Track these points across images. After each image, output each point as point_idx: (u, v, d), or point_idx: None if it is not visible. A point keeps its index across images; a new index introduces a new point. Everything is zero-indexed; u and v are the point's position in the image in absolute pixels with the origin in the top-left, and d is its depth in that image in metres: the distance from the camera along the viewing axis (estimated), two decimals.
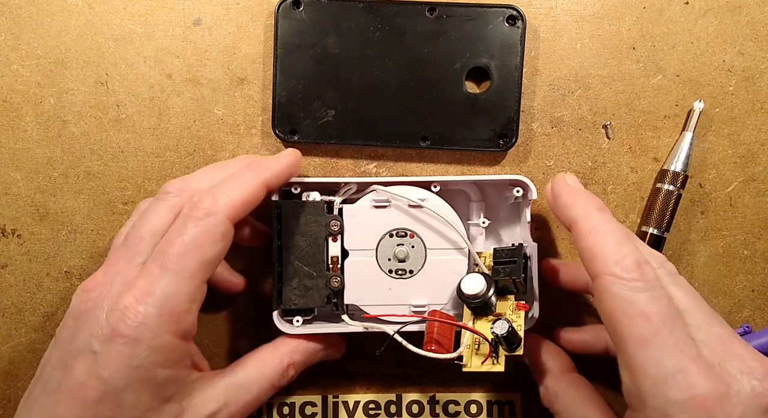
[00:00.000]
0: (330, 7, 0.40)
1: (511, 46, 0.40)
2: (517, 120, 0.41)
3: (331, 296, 0.38)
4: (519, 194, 0.38)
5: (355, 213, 0.38)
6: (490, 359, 0.34)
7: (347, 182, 0.38)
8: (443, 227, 0.38)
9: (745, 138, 0.42)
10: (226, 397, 0.34)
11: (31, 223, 0.42)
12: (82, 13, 0.41)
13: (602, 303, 0.30)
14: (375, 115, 0.41)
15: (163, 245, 0.32)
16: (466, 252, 0.38)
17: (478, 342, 0.35)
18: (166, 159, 0.42)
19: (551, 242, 0.42)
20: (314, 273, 0.37)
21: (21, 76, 0.41)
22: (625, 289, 0.29)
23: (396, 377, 0.42)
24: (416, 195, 0.38)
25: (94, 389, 0.30)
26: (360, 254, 0.38)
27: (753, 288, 0.42)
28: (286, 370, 0.36)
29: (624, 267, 0.30)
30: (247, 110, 0.42)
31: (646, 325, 0.28)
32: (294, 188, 0.38)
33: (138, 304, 0.30)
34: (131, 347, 0.30)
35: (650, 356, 0.28)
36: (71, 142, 0.41)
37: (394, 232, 0.38)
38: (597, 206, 0.32)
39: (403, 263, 0.38)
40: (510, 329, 0.34)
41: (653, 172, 0.42)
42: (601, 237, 0.31)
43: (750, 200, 0.42)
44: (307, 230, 0.37)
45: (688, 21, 0.42)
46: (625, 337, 0.29)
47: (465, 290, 0.35)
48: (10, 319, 0.41)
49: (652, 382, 0.28)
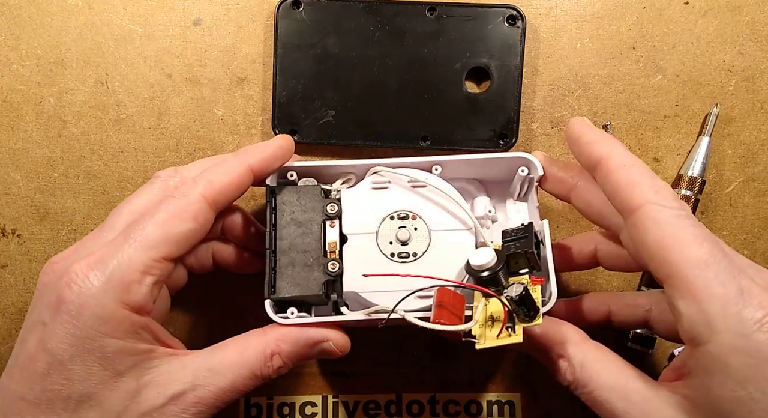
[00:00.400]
0: (330, 7, 0.40)
1: (511, 46, 0.40)
2: (517, 120, 0.41)
3: (328, 283, 0.35)
4: (524, 174, 0.36)
5: (354, 195, 0.36)
6: (506, 331, 0.31)
7: (346, 171, 0.37)
8: (447, 207, 0.36)
9: (745, 138, 0.42)
10: (195, 379, 0.31)
11: (31, 223, 0.42)
12: (82, 13, 0.41)
13: (647, 233, 0.28)
14: (375, 115, 0.41)
15: (134, 219, 0.31)
16: (473, 231, 0.36)
17: (492, 319, 0.32)
18: (166, 159, 0.42)
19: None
20: (310, 260, 0.35)
21: (21, 76, 0.41)
22: (672, 216, 0.28)
23: (396, 376, 0.42)
24: (418, 176, 0.36)
25: (41, 360, 0.29)
26: (360, 238, 0.36)
27: None
28: (270, 358, 0.32)
29: (665, 196, 0.29)
30: (247, 110, 0.42)
31: (702, 247, 0.27)
32: (290, 174, 0.37)
33: (89, 270, 0.29)
34: (75, 316, 0.29)
35: (714, 277, 0.27)
36: (71, 142, 0.41)
37: (395, 214, 0.36)
38: (623, 145, 0.32)
39: (406, 245, 0.36)
40: (524, 292, 0.31)
41: (653, 172, 0.42)
42: (636, 169, 0.30)
43: (750, 200, 0.42)
44: (303, 215, 0.36)
45: (688, 21, 0.42)
46: (682, 263, 0.27)
47: (473, 261, 0.33)
48: (10, 319, 0.41)
49: (723, 303, 0.26)
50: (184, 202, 0.31)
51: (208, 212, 0.32)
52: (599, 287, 0.42)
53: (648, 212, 0.29)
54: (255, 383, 0.32)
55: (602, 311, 0.37)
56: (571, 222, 0.42)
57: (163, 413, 0.30)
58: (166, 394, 0.30)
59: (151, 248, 0.30)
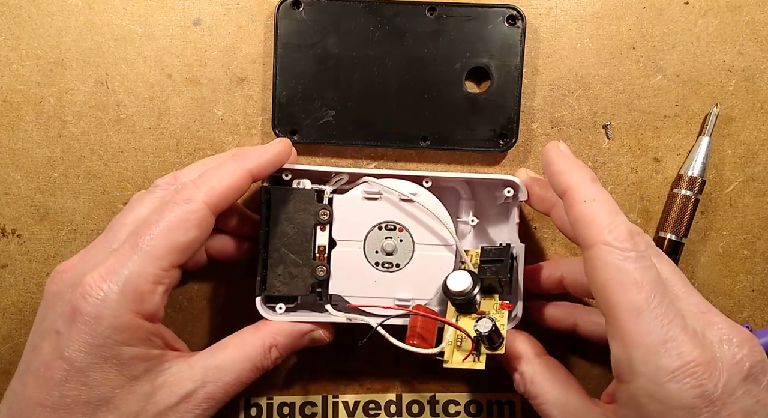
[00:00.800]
0: (330, 7, 0.40)
1: (511, 46, 0.40)
2: (517, 120, 0.41)
3: (315, 285, 0.37)
4: (509, 195, 0.38)
5: (345, 203, 0.38)
6: (472, 356, 0.35)
7: (339, 172, 0.38)
8: (432, 223, 0.38)
9: (745, 138, 0.42)
10: (204, 376, 0.33)
11: (31, 223, 0.42)
12: (82, 13, 0.41)
13: (596, 272, 0.30)
14: (375, 115, 0.41)
15: (138, 227, 0.32)
16: (454, 249, 0.38)
17: (461, 339, 0.35)
18: (166, 159, 0.42)
19: (549, 243, 0.42)
20: (300, 261, 0.37)
21: (21, 76, 0.41)
22: (619, 258, 0.29)
23: (396, 377, 0.42)
24: (407, 189, 0.38)
25: (58, 368, 0.30)
26: (347, 245, 0.38)
27: (753, 288, 0.42)
28: (268, 351, 0.35)
29: (617, 236, 0.30)
30: (247, 110, 0.42)
31: (639, 294, 0.29)
32: (285, 175, 0.38)
33: (102, 281, 0.30)
34: (92, 326, 0.30)
35: (642, 324, 0.28)
36: (71, 142, 0.41)
37: (383, 224, 0.38)
38: (591, 176, 0.33)
39: (391, 256, 0.38)
40: (493, 328, 0.34)
41: (653, 172, 0.42)
42: (596, 205, 0.31)
43: (750, 200, 0.42)
44: (295, 217, 0.37)
45: (688, 21, 0.42)
46: (618, 306, 0.29)
47: (451, 286, 0.35)
48: (10, 319, 0.41)
49: (644, 350, 0.28)
50: (187, 210, 0.32)
51: (210, 217, 0.33)
52: None
53: (598, 252, 0.30)
54: (257, 374, 0.35)
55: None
56: None
57: (176, 411, 0.32)
58: (180, 393, 0.32)
59: (160, 258, 0.31)
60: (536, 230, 0.42)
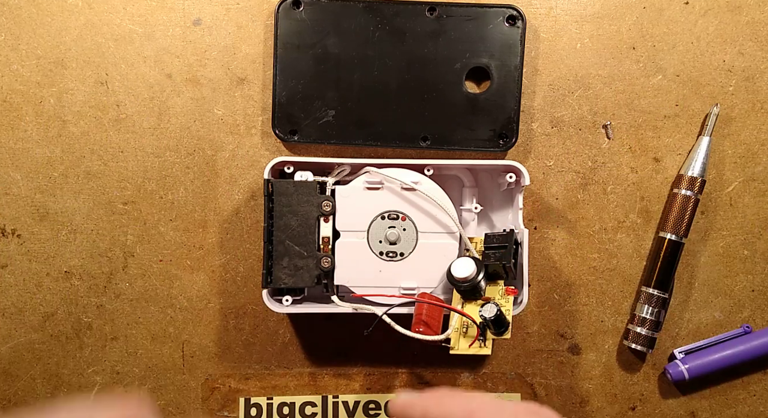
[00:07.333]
0: (330, 7, 0.40)
1: (511, 46, 0.40)
2: (517, 120, 0.41)
3: (321, 276, 0.38)
4: (512, 180, 0.38)
5: (348, 194, 0.38)
6: (478, 342, 0.35)
7: (341, 163, 0.38)
8: (435, 211, 0.38)
9: (745, 138, 0.42)
10: None
11: (31, 223, 0.42)
12: (82, 13, 0.41)
13: None
14: (375, 115, 0.41)
15: None
16: (458, 236, 0.38)
17: (467, 325, 0.36)
18: (166, 159, 0.42)
19: (549, 243, 0.42)
20: (305, 253, 0.37)
21: (21, 76, 0.41)
22: None
23: (396, 377, 0.42)
24: (409, 178, 0.38)
25: None
26: (351, 235, 0.38)
27: (753, 288, 0.42)
28: None
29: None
30: (247, 110, 0.42)
31: None
32: (287, 167, 0.38)
33: None
34: None
35: None
36: (71, 142, 0.41)
37: (386, 214, 0.38)
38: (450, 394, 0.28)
39: (394, 245, 0.38)
40: (498, 313, 0.34)
41: (653, 172, 0.42)
42: None
43: (750, 200, 0.42)
44: (298, 209, 0.38)
45: (688, 21, 0.42)
46: None
47: (455, 273, 0.36)
48: (10, 319, 0.41)
49: None
50: None
51: None
52: (598, 287, 0.42)
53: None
54: None
55: None
56: (571, 222, 0.42)
57: None
58: None
59: None
60: (536, 229, 0.42)
